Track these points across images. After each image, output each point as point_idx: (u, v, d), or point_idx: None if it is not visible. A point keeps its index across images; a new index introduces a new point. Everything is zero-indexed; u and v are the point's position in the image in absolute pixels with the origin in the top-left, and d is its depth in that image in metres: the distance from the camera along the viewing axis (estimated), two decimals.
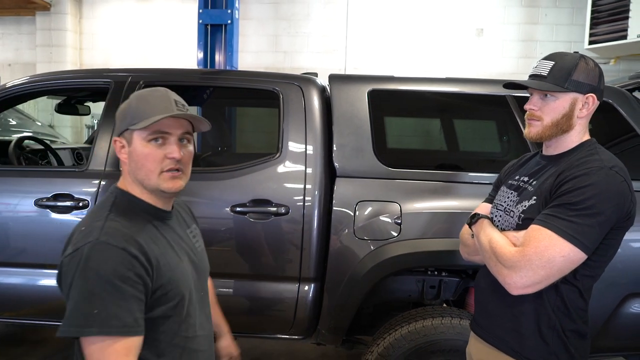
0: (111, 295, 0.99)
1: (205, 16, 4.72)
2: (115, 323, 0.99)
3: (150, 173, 1.11)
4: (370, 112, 2.15)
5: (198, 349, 1.19)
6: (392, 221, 1.99)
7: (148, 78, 2.31)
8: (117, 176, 2.10)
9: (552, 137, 1.27)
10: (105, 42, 6.36)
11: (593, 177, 1.14)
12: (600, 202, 1.12)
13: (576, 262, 1.14)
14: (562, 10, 5.71)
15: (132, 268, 1.02)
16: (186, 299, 1.14)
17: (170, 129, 1.11)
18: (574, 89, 1.22)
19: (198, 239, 1.30)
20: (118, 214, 1.09)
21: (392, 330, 1.99)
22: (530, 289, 1.16)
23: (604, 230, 1.15)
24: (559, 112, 1.24)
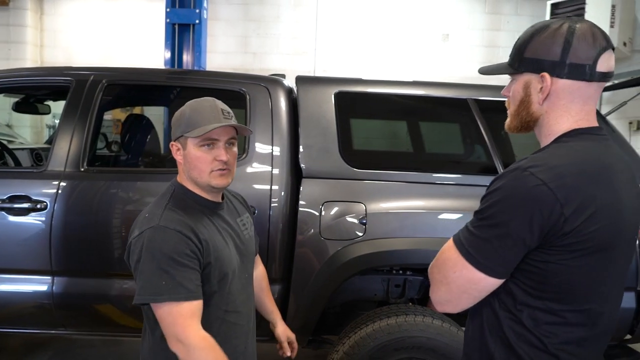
0: (175, 269, 1.22)
1: (173, 15, 4.65)
2: (182, 290, 1.22)
3: (202, 172, 1.32)
4: (337, 113, 2.17)
5: (237, 323, 1.39)
6: (358, 221, 2.02)
7: (111, 77, 2.26)
8: (78, 177, 2.07)
9: (522, 129, 1.04)
10: (68, 40, 6.16)
11: (501, 181, 0.92)
12: (500, 211, 0.90)
13: (476, 282, 0.93)
14: (522, 17, 5.92)
15: (188, 246, 1.24)
16: (229, 277, 1.34)
17: (218, 136, 1.31)
18: (524, 68, 0.99)
19: (247, 227, 1.49)
20: (175, 204, 1.32)
21: (357, 329, 2.01)
22: (447, 308, 0.99)
23: (508, 247, 0.89)
24: (516, 98, 1.02)
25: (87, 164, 2.13)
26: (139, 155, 3.13)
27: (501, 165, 2.11)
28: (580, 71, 0.94)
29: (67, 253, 2.07)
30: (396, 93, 2.33)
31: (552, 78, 0.95)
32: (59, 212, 2.05)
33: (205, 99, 1.36)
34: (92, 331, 2.27)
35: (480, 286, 0.94)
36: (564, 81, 0.95)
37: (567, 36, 0.94)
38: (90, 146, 2.16)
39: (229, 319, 1.36)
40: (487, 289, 0.95)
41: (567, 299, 0.93)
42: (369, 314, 2.08)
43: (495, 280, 0.93)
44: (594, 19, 4.95)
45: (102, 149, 4.01)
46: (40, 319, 2.17)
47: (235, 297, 1.37)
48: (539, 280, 0.92)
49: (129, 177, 2.18)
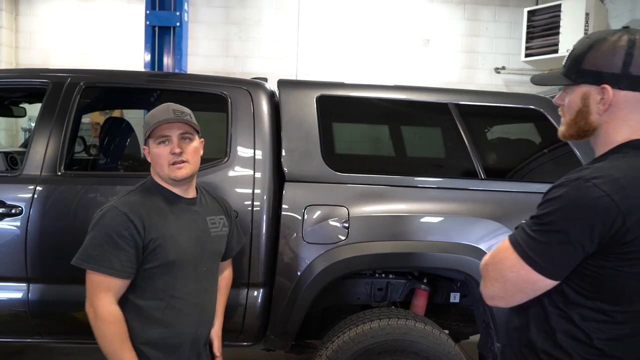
0: (108, 244, 1.41)
1: (153, 18, 4.59)
2: (106, 264, 1.40)
3: (163, 167, 1.50)
4: (319, 117, 2.17)
5: (183, 310, 1.50)
6: (340, 225, 2.02)
7: (89, 79, 2.22)
8: (55, 181, 2.02)
9: (575, 137, 1.08)
10: (44, 42, 6.03)
11: (564, 189, 0.96)
12: (562, 218, 0.94)
13: (533, 283, 0.99)
14: (501, 24, 6.04)
15: (127, 229, 1.42)
16: (176, 264, 1.48)
17: (169, 132, 1.49)
18: (583, 80, 1.02)
19: (218, 227, 1.63)
20: (139, 191, 1.52)
21: (340, 333, 2.01)
22: (498, 303, 1.06)
23: (567, 252, 0.94)
24: (573, 109, 1.05)
25: (64, 167, 2.08)
26: (118, 158, 3.08)
27: (481, 168, 2.14)
28: (629, 83, 0.98)
29: (43, 259, 2.02)
30: (378, 97, 2.35)
31: (613, 90, 0.99)
32: (35, 217, 2.00)
33: (163, 104, 1.54)
34: (69, 339, 2.21)
35: (537, 286, 1.00)
36: (625, 92, 0.99)
37: (628, 48, 0.97)
38: (67, 150, 2.11)
39: (175, 304, 1.49)
40: (542, 289, 1.00)
41: (618, 301, 0.98)
42: (352, 318, 2.08)
43: (551, 282, 0.99)
44: (568, 26, 5.09)
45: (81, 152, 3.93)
46: (16, 327, 2.11)
47: (184, 284, 1.50)
48: (594, 283, 0.98)
49: (108, 181, 2.14)
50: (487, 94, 2.53)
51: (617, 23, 5.33)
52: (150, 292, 1.48)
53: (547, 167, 2.33)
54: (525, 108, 2.29)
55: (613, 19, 5.38)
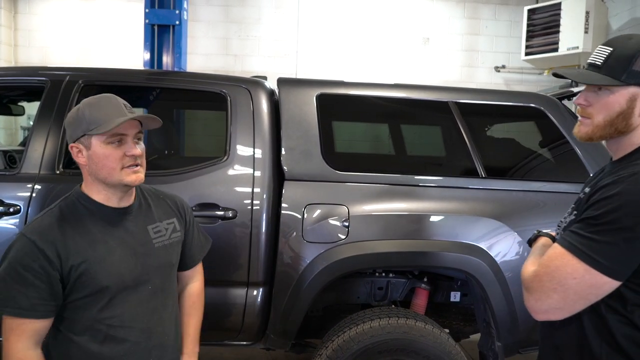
0: (14, 280, 1.19)
1: (152, 16, 4.58)
2: (11, 304, 1.18)
3: (112, 171, 1.25)
4: (319, 116, 2.16)
5: (126, 339, 1.28)
6: (340, 224, 2.01)
7: (88, 77, 2.21)
8: (54, 180, 2.01)
9: (605, 138, 1.06)
10: (43, 40, 6.01)
11: (620, 186, 0.95)
12: (626, 215, 0.92)
13: (599, 287, 0.95)
14: (500, 22, 6.03)
15: (36, 260, 1.19)
16: (111, 290, 1.26)
17: (126, 130, 1.26)
18: (634, 82, 1.00)
19: (164, 234, 1.39)
20: (58, 210, 1.28)
21: (340, 332, 2.01)
22: (553, 315, 1.00)
23: (634, 250, 0.92)
24: (613, 109, 1.02)
25: (63, 166, 2.07)
26: None
27: (482, 167, 2.13)
28: None
29: None
30: (378, 95, 2.34)
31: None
32: (33, 215, 1.99)
33: (103, 95, 1.31)
34: None
35: (602, 290, 0.96)
36: None
37: None
38: (66, 148, 2.10)
39: (115, 334, 1.27)
40: (606, 292, 0.96)
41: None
42: (352, 317, 2.08)
43: (616, 283, 0.95)
44: (568, 24, 5.08)
45: None
46: None
47: (123, 310, 1.28)
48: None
49: None
50: (487, 92, 2.52)
51: (617, 21, 5.32)
52: (84, 324, 1.25)
53: (548, 165, 2.33)
54: (526, 106, 2.28)
55: (613, 17, 5.37)
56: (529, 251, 1.95)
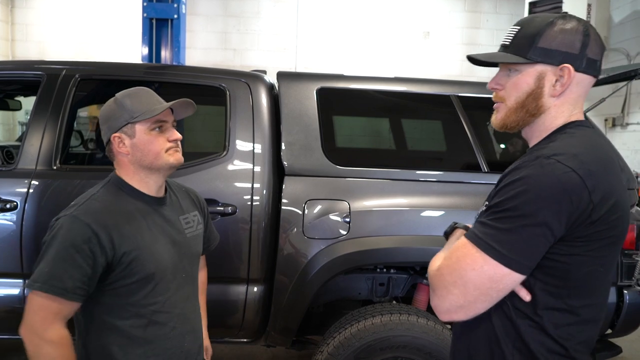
0: (62, 260, 1.18)
1: (150, 10, 4.54)
2: (56, 284, 1.17)
3: (158, 154, 1.31)
4: (319, 110, 2.14)
5: (167, 324, 1.33)
6: (341, 219, 1.99)
7: (85, 72, 2.17)
8: (51, 175, 1.98)
9: (519, 123, 0.98)
10: (40, 34, 5.97)
11: (523, 171, 0.88)
12: (527, 201, 0.84)
13: (499, 280, 0.86)
14: (501, 16, 5.99)
15: (88, 243, 1.19)
16: (156, 276, 1.29)
17: (165, 117, 1.33)
18: (541, 59, 0.94)
19: (193, 225, 1.45)
20: (102, 195, 1.29)
21: (342, 329, 1.99)
22: (456, 315, 0.90)
23: (536, 239, 0.85)
24: (522, 89, 0.96)
25: (60, 161, 2.05)
26: None
27: (484, 161, 2.11)
28: (594, 66, 0.94)
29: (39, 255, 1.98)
30: (379, 89, 2.31)
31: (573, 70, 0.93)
32: (30, 212, 1.96)
33: (137, 87, 1.37)
34: None
35: (502, 284, 0.87)
36: (580, 75, 0.94)
37: (584, 30, 0.94)
38: (63, 143, 2.08)
39: (158, 319, 1.31)
40: (507, 287, 0.88)
41: (585, 293, 0.91)
42: (354, 314, 2.06)
43: (518, 276, 0.87)
44: None
45: (78, 146, 3.89)
46: (11, 324, 2.07)
47: (165, 297, 1.32)
48: (562, 276, 0.89)
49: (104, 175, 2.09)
50: None
51: (619, 14, 5.28)
52: (129, 311, 1.27)
53: None
54: None
55: (615, 10, 5.33)
56: None
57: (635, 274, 1.99)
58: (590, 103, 4.41)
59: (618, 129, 5.15)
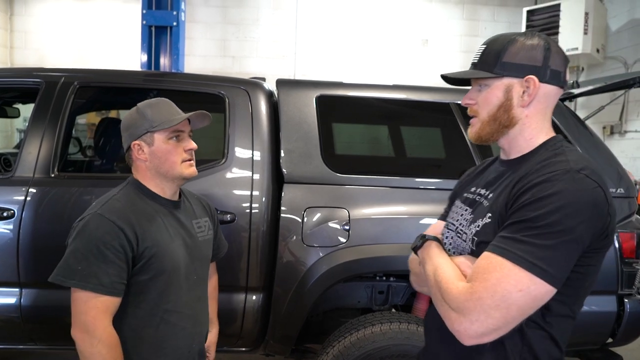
0: (95, 257, 1.24)
1: (149, 17, 4.55)
2: (93, 280, 1.23)
3: (174, 164, 1.38)
4: (319, 117, 2.13)
5: (178, 324, 1.37)
6: (341, 227, 1.98)
7: (84, 79, 2.17)
8: (49, 183, 1.97)
9: (494, 135, 1.03)
10: (39, 42, 5.98)
11: (556, 185, 0.87)
12: (566, 216, 0.84)
13: (541, 298, 0.85)
14: (499, 24, 6.02)
15: (117, 238, 1.26)
16: (169, 274, 1.34)
17: (183, 127, 1.40)
18: (507, 73, 1.00)
19: (204, 230, 1.51)
20: (123, 195, 1.36)
21: (341, 337, 1.97)
22: (487, 338, 0.86)
23: (573, 253, 0.86)
24: (493, 102, 1.01)
25: (58, 169, 2.04)
26: (114, 160, 3.03)
27: None
28: (558, 77, 1.00)
29: (36, 263, 1.97)
30: (379, 97, 2.31)
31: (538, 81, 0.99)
32: (28, 220, 1.95)
33: (158, 98, 1.44)
34: (64, 345, 2.16)
35: (542, 302, 0.86)
36: (546, 85, 1.00)
37: (545, 44, 1.00)
38: (61, 151, 2.07)
39: (170, 318, 1.36)
40: (544, 304, 0.87)
41: (584, 299, 0.95)
42: (353, 322, 2.04)
43: (554, 292, 0.86)
44: (568, 26, 5.08)
45: (76, 153, 3.88)
46: (8, 333, 2.05)
47: (178, 297, 1.37)
48: (577, 285, 0.91)
49: (103, 183, 2.09)
50: None
51: (616, 23, 5.32)
52: (143, 308, 1.32)
53: None
54: None
55: (612, 19, 5.36)
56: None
57: (635, 283, 1.98)
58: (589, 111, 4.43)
59: (616, 137, 5.16)
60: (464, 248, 1.02)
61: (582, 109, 5.50)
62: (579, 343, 2.08)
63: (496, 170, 1.08)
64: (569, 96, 2.48)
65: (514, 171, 1.00)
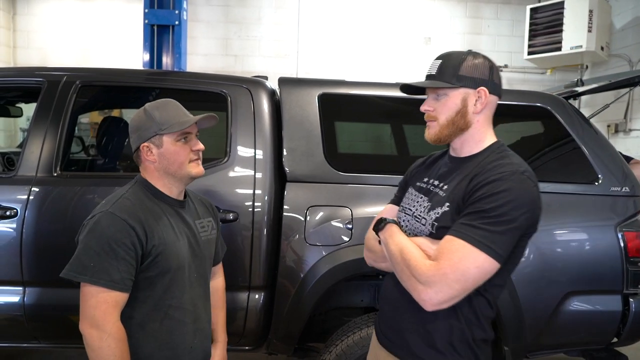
0: (107, 254, 1.27)
1: (152, 16, 4.54)
2: (104, 276, 1.26)
3: (182, 164, 1.41)
4: (321, 116, 2.13)
5: (181, 319, 1.41)
6: (344, 226, 1.97)
7: (86, 78, 2.17)
8: (51, 182, 1.97)
9: (451, 137, 1.23)
10: (42, 41, 5.98)
11: (506, 183, 1.10)
12: (514, 208, 1.08)
13: (490, 273, 1.09)
14: (503, 22, 5.99)
15: (128, 236, 1.29)
16: (173, 271, 1.38)
17: (191, 129, 1.43)
18: (463, 85, 1.20)
19: (207, 230, 1.54)
20: (132, 194, 1.39)
21: (344, 337, 1.97)
22: (446, 305, 1.09)
23: (515, 238, 1.10)
24: (452, 109, 1.21)
25: (61, 168, 2.04)
26: (117, 159, 3.03)
27: None
28: (498, 89, 1.24)
29: (39, 262, 1.97)
30: (381, 95, 2.30)
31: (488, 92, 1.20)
32: (30, 219, 1.95)
33: (165, 99, 1.46)
34: (67, 343, 2.17)
35: (489, 275, 1.10)
36: (491, 96, 1.22)
37: (489, 62, 1.23)
38: (63, 150, 2.07)
39: (174, 314, 1.39)
40: (490, 276, 1.11)
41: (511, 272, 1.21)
42: (356, 321, 2.04)
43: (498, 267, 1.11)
44: (571, 23, 5.04)
45: (79, 152, 3.88)
46: (12, 331, 2.06)
47: (181, 293, 1.41)
48: (512, 262, 1.17)
49: (106, 182, 2.09)
50: None
51: (621, 20, 5.28)
52: (148, 303, 1.36)
53: (553, 165, 2.28)
54: (532, 106, 2.23)
55: (616, 16, 5.33)
56: (534, 252, 1.92)
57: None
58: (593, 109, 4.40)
59: (621, 135, 5.13)
60: (421, 230, 1.22)
61: (587, 107, 5.47)
62: (584, 343, 2.07)
63: (446, 165, 1.29)
64: (574, 94, 2.46)
65: (464, 167, 1.21)
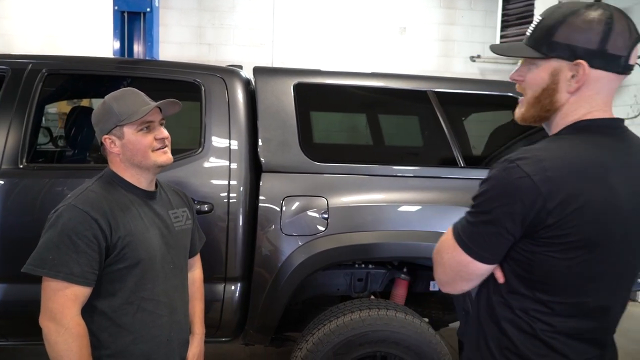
0: (67, 247, 1.25)
1: (122, 2, 4.41)
2: (64, 270, 1.24)
3: (146, 154, 1.38)
4: (296, 106, 2.11)
5: (154, 312, 1.39)
6: (320, 216, 1.98)
7: (53, 66, 2.09)
8: (17, 174, 1.91)
9: (537, 119, 0.97)
10: (7, 27, 5.74)
11: (491, 172, 0.94)
12: (489, 199, 0.91)
13: (466, 265, 0.95)
14: (476, 12, 6.05)
15: (90, 229, 1.27)
16: (145, 263, 1.36)
17: (152, 117, 1.40)
18: (555, 54, 0.91)
19: (181, 220, 1.52)
20: (98, 186, 1.37)
21: (320, 325, 1.98)
22: (444, 289, 1.03)
23: (491, 233, 0.91)
24: (538, 84, 0.95)
25: (27, 160, 1.97)
26: (87, 150, 2.95)
27: (461, 157, 2.13)
28: (615, 63, 0.90)
29: (5, 257, 1.91)
30: (357, 85, 2.30)
31: (588, 67, 0.89)
32: None
33: (124, 89, 1.44)
34: (37, 341, 2.11)
35: (470, 269, 0.96)
36: (598, 72, 0.90)
37: (606, 24, 0.88)
38: (30, 141, 2.00)
39: (146, 306, 1.38)
40: (477, 272, 0.97)
41: (553, 291, 0.93)
42: (332, 310, 2.05)
43: (483, 265, 0.95)
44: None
45: (47, 144, 3.76)
46: None
47: (154, 285, 1.39)
48: (527, 269, 0.93)
49: (75, 174, 2.03)
50: (466, 81, 2.51)
51: None
52: (119, 297, 1.34)
53: None
54: (503, 95, 2.28)
55: None
56: None
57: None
58: None
59: None
60: None
61: None
62: None
63: None
64: None
65: None
